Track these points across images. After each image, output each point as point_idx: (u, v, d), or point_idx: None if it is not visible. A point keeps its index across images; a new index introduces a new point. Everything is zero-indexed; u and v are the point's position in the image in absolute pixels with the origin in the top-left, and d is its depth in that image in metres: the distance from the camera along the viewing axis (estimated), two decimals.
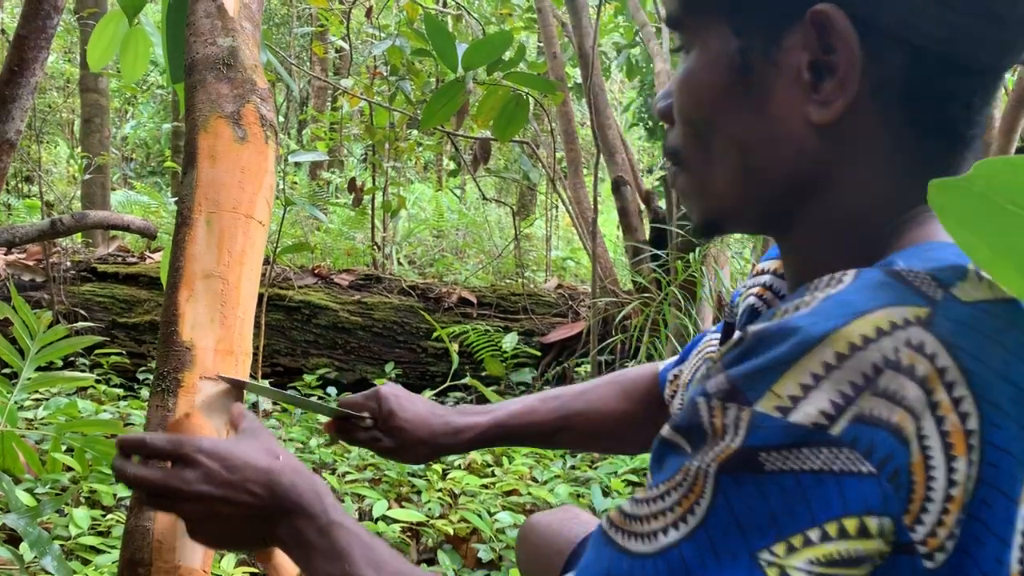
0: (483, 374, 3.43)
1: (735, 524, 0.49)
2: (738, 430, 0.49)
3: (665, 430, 0.55)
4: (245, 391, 0.90)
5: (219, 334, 0.89)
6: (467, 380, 3.29)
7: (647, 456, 2.54)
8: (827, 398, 0.47)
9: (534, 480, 2.43)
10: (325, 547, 0.72)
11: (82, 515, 1.83)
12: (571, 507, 1.16)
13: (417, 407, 1.02)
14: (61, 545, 1.72)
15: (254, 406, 2.64)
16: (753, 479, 0.48)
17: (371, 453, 1.78)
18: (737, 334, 0.54)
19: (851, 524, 0.47)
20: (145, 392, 3.09)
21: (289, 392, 0.99)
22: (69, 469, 2.05)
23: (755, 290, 0.82)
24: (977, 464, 0.48)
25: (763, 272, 0.83)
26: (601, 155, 3.67)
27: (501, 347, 3.48)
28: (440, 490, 2.29)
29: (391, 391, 1.02)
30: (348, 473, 2.39)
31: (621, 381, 1.09)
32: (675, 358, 1.04)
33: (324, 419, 1.05)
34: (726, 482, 0.49)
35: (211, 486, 0.73)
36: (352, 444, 1.05)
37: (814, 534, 0.47)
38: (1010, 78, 3.12)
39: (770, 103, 0.60)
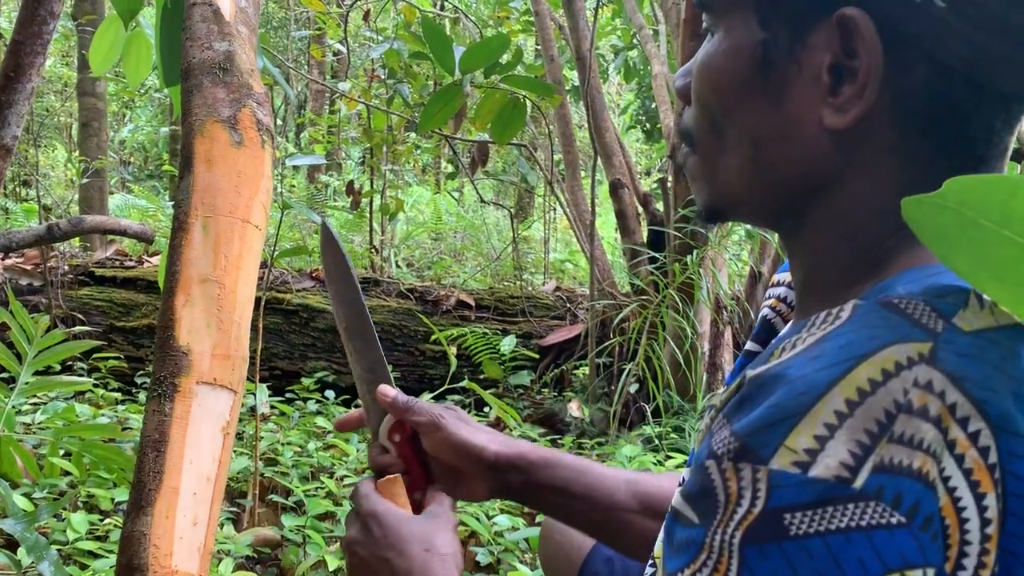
0: (481, 377, 3.43)
1: None
2: (757, 492, 0.46)
3: (676, 499, 0.52)
4: (241, 395, 0.90)
5: (216, 339, 0.89)
6: (465, 383, 3.29)
7: (646, 459, 2.53)
8: (845, 448, 0.45)
9: None
10: None
11: (79, 519, 1.83)
12: None
13: (476, 430, 0.89)
14: (59, 550, 1.72)
15: (252, 410, 2.64)
16: (779, 548, 0.45)
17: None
18: (736, 381, 0.53)
19: None
20: (143, 396, 3.09)
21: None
22: (67, 473, 2.05)
23: (769, 302, 0.81)
24: (1002, 497, 0.46)
25: (779, 284, 0.82)
26: (599, 158, 3.67)
27: (499, 350, 3.48)
28: None
29: (447, 411, 0.89)
30: (346, 477, 2.39)
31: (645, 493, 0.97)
32: None
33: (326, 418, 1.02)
34: (752, 555, 0.46)
35: (362, 548, 0.80)
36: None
37: None
38: None
39: (786, 100, 0.59)
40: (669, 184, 3.44)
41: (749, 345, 0.81)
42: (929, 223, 0.43)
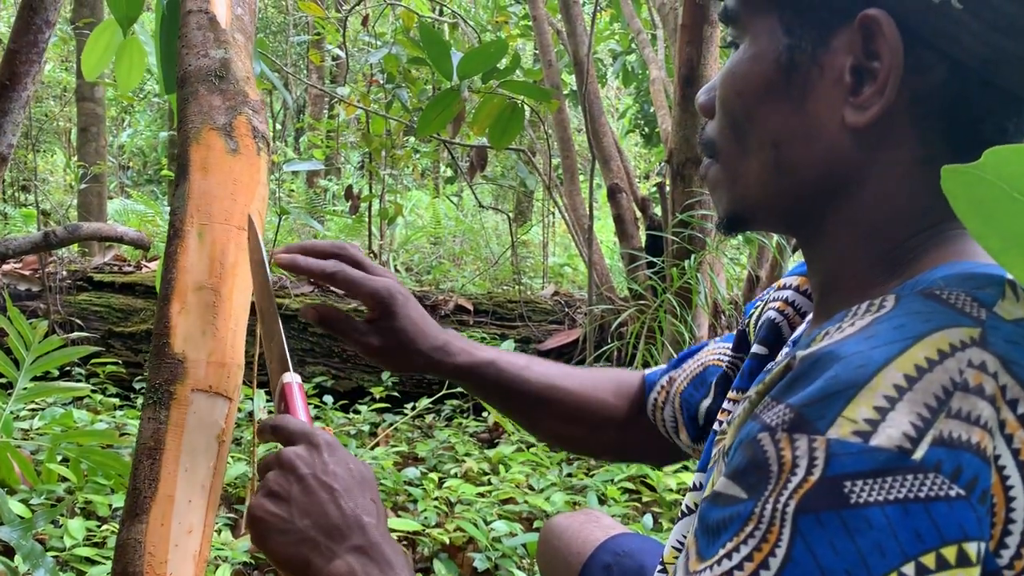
0: None
1: (818, 572, 0.45)
2: (815, 461, 0.46)
3: (720, 483, 0.51)
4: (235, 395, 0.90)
5: (211, 346, 0.89)
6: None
7: (645, 466, 2.52)
8: (907, 420, 0.45)
9: (531, 488, 2.43)
10: None
11: (77, 526, 1.83)
12: (592, 510, 1.16)
13: (422, 315, 0.94)
14: (55, 556, 1.72)
15: (249, 415, 2.64)
16: (837, 516, 0.45)
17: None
18: (781, 360, 0.53)
19: (950, 553, 0.45)
20: (141, 402, 3.09)
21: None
22: (64, 479, 2.05)
23: (776, 304, 0.82)
24: None
25: (785, 287, 0.83)
26: (597, 162, 3.67)
27: None
28: (436, 499, 2.28)
29: (399, 290, 0.92)
30: None
31: (615, 377, 1.06)
32: (664, 366, 1.03)
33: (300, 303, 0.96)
34: (807, 524, 0.45)
35: (305, 465, 0.70)
36: (336, 334, 0.94)
37: (909, 569, 0.44)
38: None
39: (809, 101, 0.61)
40: (667, 188, 3.44)
41: (756, 348, 0.81)
42: (965, 195, 0.42)
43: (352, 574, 0.66)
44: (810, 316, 0.74)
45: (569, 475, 2.56)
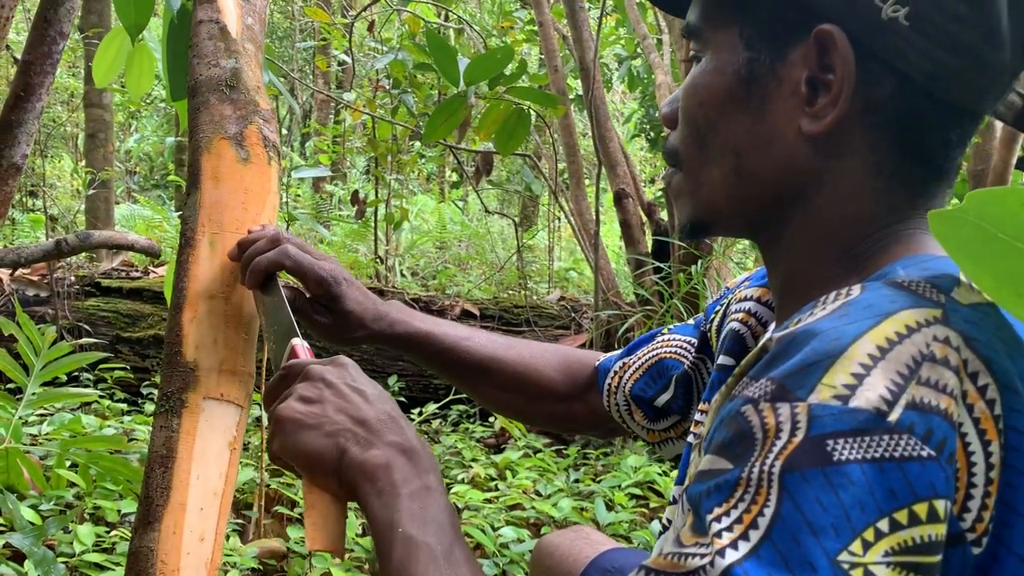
0: None
1: (807, 528, 0.46)
2: (797, 424, 0.49)
3: (704, 461, 0.53)
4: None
5: (223, 355, 0.89)
6: None
7: (651, 469, 2.53)
8: (882, 384, 0.49)
9: (538, 494, 2.43)
10: (410, 507, 0.64)
11: (86, 532, 1.83)
12: (583, 527, 1.17)
13: (364, 293, 1.00)
14: (65, 562, 1.72)
15: (257, 420, 2.64)
16: (822, 473, 0.47)
17: None
18: (759, 346, 0.56)
19: (921, 509, 0.47)
20: (149, 407, 3.10)
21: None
22: (73, 485, 2.06)
23: (739, 316, 0.85)
24: (1004, 447, 0.50)
25: (747, 299, 0.86)
26: (603, 167, 3.68)
27: None
28: None
29: (344, 273, 0.98)
30: None
31: (564, 353, 1.09)
32: (619, 352, 1.05)
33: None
34: (792, 481, 0.48)
35: (334, 375, 0.72)
36: (294, 312, 0.95)
37: (884, 524, 0.47)
38: None
39: (768, 111, 0.65)
40: None
41: (722, 359, 0.84)
42: (953, 237, 0.45)
43: (389, 466, 0.66)
44: (772, 326, 0.77)
45: (576, 481, 2.56)
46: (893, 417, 0.48)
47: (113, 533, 1.93)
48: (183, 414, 0.86)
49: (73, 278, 3.60)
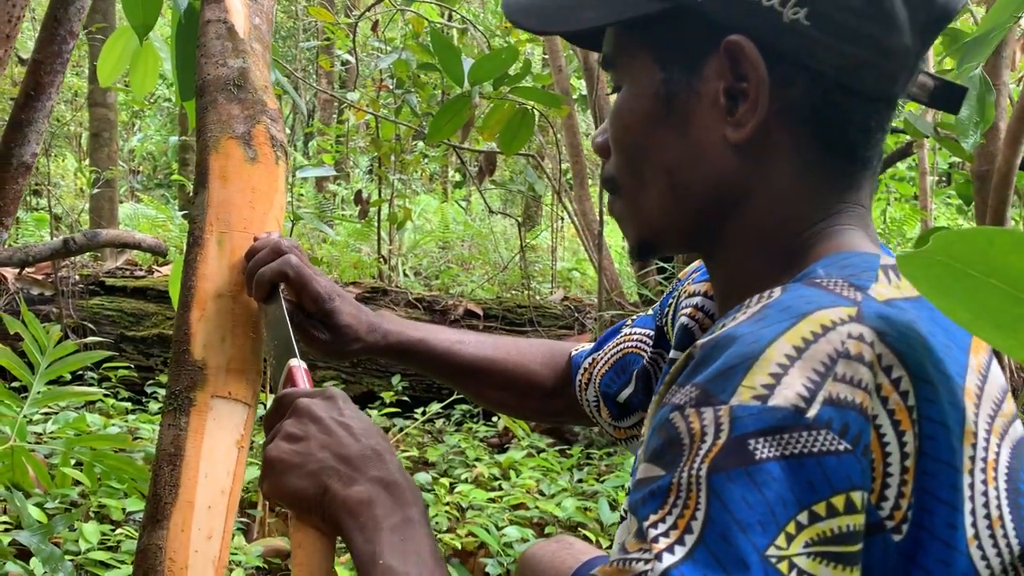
0: None
1: (736, 527, 0.48)
2: (720, 427, 0.50)
3: (640, 470, 0.55)
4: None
5: (230, 353, 0.90)
6: None
7: None
8: (799, 382, 0.51)
9: (541, 494, 2.43)
10: (391, 539, 0.64)
11: (91, 530, 1.84)
12: (565, 537, 1.18)
13: (357, 306, 1.01)
14: (70, 560, 1.73)
15: (261, 419, 2.65)
16: (745, 472, 0.49)
17: None
18: (685, 353, 0.58)
19: (839, 501, 0.49)
20: (153, 405, 3.10)
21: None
22: (78, 483, 2.06)
23: (688, 311, 0.87)
24: (918, 437, 0.53)
25: (695, 294, 0.88)
26: None
27: None
28: (447, 504, 2.29)
29: (337, 289, 0.98)
30: None
31: (548, 347, 1.12)
32: (590, 346, 1.07)
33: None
34: (719, 482, 0.49)
35: (321, 409, 0.72)
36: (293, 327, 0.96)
37: (803, 517, 0.49)
38: (1015, 89, 3.12)
39: (692, 127, 0.67)
40: None
41: (673, 354, 0.87)
42: (924, 276, 0.47)
43: (371, 502, 0.67)
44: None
45: (580, 481, 2.57)
46: (811, 413, 0.50)
47: (118, 531, 1.93)
48: (191, 412, 0.87)
49: (77, 277, 3.60)
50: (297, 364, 0.83)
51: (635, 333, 1.01)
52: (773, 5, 0.62)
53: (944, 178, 6.67)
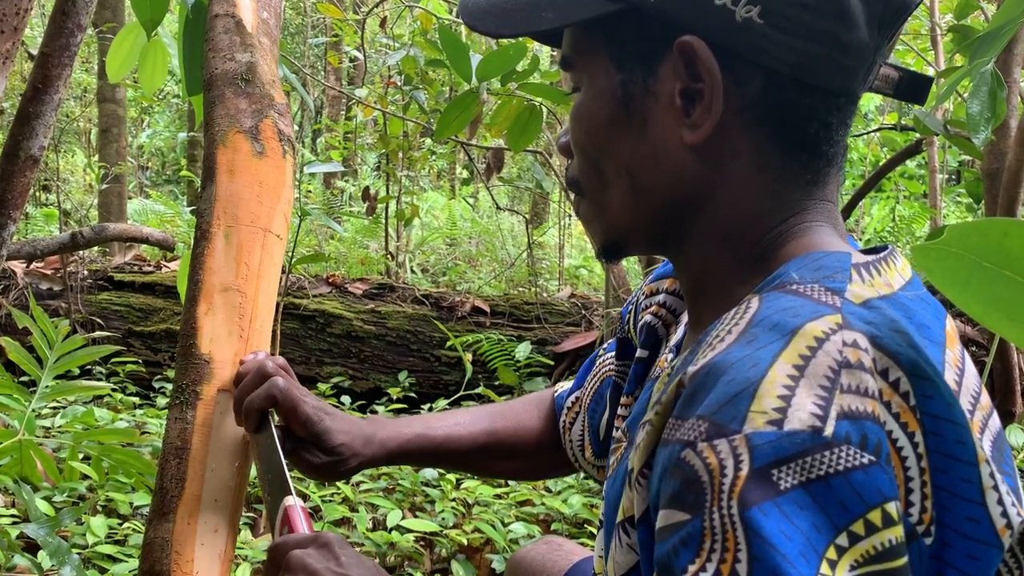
0: (496, 383, 3.44)
1: (783, 561, 0.46)
2: (739, 457, 0.48)
3: (660, 518, 0.53)
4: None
5: (237, 347, 0.90)
6: (480, 389, 3.30)
7: None
8: (809, 401, 0.49)
9: (548, 490, 2.43)
10: None
11: (99, 523, 1.85)
12: (553, 538, 1.17)
13: (348, 420, 0.93)
14: (78, 553, 1.74)
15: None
16: (774, 505, 0.47)
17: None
18: (666, 371, 0.57)
19: (875, 516, 0.48)
20: (161, 400, 3.11)
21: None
22: (86, 477, 2.07)
23: (651, 309, 0.86)
24: (925, 435, 0.52)
25: (657, 292, 0.87)
26: None
27: (514, 356, 3.48)
28: (454, 500, 2.29)
29: (325, 407, 0.91)
30: (362, 483, 2.39)
31: (537, 400, 1.08)
32: (570, 385, 1.04)
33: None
34: (755, 518, 0.47)
35: (329, 567, 0.67)
36: (287, 452, 0.89)
37: (843, 539, 0.47)
38: None
39: (650, 128, 0.66)
40: None
41: (639, 353, 0.85)
42: (939, 268, 0.46)
43: None
44: (685, 318, 0.78)
45: (586, 477, 2.56)
46: (829, 431, 0.48)
47: (125, 525, 1.94)
48: (198, 406, 0.87)
49: (86, 272, 3.62)
50: (293, 503, 0.78)
51: (608, 358, 0.98)
52: (725, 4, 0.61)
53: (954, 176, 6.64)
